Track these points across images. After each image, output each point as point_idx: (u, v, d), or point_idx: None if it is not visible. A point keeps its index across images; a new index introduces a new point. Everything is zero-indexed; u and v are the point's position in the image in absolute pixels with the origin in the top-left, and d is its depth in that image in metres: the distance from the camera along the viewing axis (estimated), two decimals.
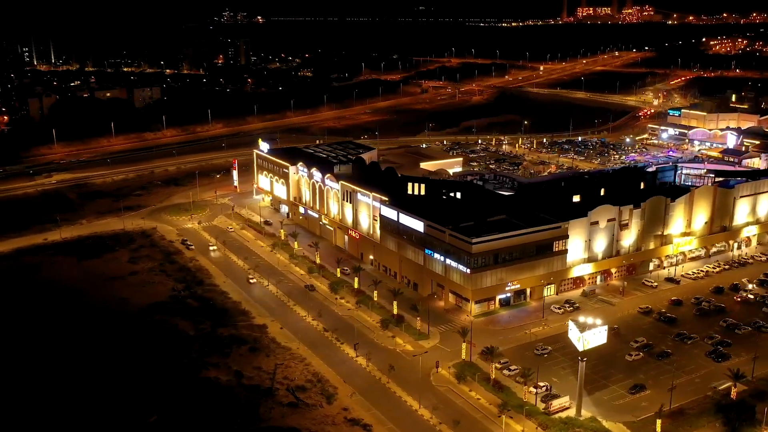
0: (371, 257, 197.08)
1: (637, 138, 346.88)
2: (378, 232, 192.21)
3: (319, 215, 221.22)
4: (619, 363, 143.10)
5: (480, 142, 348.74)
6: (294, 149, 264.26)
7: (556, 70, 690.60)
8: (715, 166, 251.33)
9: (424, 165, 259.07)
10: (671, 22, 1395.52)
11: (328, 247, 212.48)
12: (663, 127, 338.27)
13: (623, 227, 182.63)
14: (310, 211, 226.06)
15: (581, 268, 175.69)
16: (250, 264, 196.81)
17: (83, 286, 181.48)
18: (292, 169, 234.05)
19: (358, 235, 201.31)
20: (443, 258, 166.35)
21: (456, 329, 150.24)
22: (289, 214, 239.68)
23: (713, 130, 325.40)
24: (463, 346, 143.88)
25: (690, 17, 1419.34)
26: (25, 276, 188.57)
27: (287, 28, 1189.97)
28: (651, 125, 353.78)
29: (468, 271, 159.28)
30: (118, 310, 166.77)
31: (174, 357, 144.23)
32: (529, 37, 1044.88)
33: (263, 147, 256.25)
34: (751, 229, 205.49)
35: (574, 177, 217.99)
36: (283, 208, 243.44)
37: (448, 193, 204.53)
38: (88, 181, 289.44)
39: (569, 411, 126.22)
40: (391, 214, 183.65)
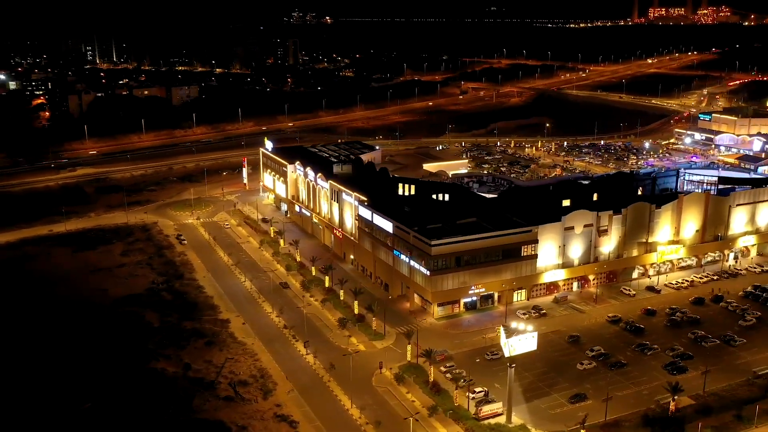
0: (351, 257, 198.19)
1: (663, 143, 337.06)
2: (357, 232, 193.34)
3: (311, 214, 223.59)
4: (570, 371, 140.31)
5: (499, 144, 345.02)
6: (299, 148, 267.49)
7: (606, 72, 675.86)
8: (730, 173, 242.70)
9: (426, 166, 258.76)
10: (748, 23, 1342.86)
11: (316, 245, 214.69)
12: (689, 132, 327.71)
13: (602, 233, 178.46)
14: (304, 209, 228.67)
15: (553, 274, 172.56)
16: (234, 260, 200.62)
17: (69, 276, 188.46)
18: (290, 167, 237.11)
19: (341, 235, 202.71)
20: (408, 259, 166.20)
21: (417, 331, 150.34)
22: (288, 212, 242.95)
23: (741, 135, 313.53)
24: (408, 348, 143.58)
25: None
26: (18, 265, 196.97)
27: (352, 29, 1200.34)
28: (678, 129, 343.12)
29: (428, 273, 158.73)
30: (93, 300, 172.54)
31: (130, 347, 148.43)
32: (594, 38, 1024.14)
33: (268, 146, 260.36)
34: (749, 239, 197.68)
35: (565, 181, 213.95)
36: (284, 206, 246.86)
37: (436, 194, 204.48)
38: (109, 175, 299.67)
39: (502, 417, 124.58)
40: (366, 214, 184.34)
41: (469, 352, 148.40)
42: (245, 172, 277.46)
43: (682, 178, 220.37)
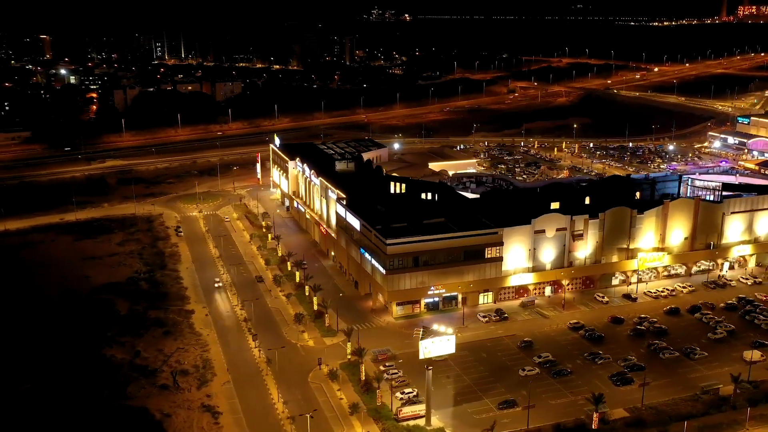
0: (332, 253, 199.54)
1: (696, 146, 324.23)
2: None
3: (305, 209, 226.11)
4: (511, 377, 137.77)
5: (523, 144, 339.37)
6: (308, 145, 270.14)
7: (669, 72, 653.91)
8: (749, 179, 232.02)
9: (432, 165, 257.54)
10: None
11: (306, 241, 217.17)
12: (723, 135, 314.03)
13: (576, 238, 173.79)
14: (300, 205, 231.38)
15: (520, 278, 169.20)
16: (221, 252, 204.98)
17: (60, 263, 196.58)
18: (290, 164, 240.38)
19: (325, 231, 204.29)
20: (370, 257, 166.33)
21: (373, 328, 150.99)
22: (289, 207, 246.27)
23: None
24: (348, 346, 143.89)
25: None
26: (17, 251, 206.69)
27: (428, 26, 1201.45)
28: (712, 133, 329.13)
29: (384, 271, 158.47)
30: (73, 287, 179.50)
31: (89, 333, 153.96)
32: (674, 36, 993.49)
33: (277, 142, 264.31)
34: (744, 249, 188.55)
35: (555, 184, 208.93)
36: (287, 202, 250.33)
37: (425, 194, 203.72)
38: (134, 167, 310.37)
39: (423, 419, 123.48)
40: (341, 211, 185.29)
41: (416, 352, 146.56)
42: (258, 167, 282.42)
43: (684, 183, 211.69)
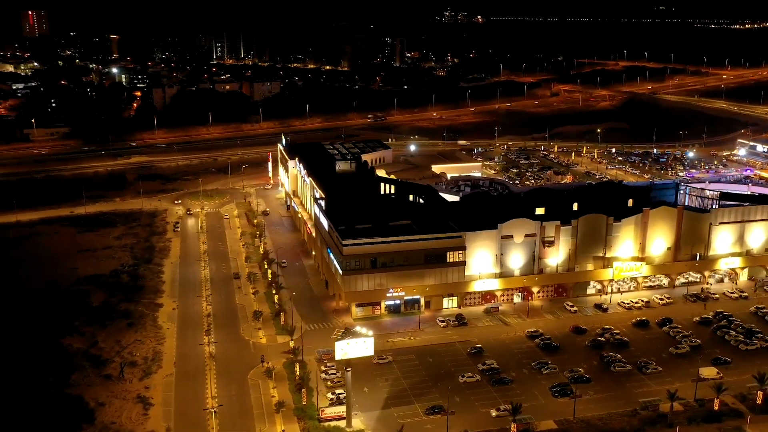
0: (314, 252, 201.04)
1: (724, 153, 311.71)
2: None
3: (299, 208, 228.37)
4: (450, 383, 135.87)
5: (543, 148, 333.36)
6: (315, 145, 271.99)
7: (729, 76, 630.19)
8: (763, 189, 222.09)
9: (435, 167, 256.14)
10: None
11: (296, 240, 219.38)
12: (751, 143, 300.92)
13: (547, 244, 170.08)
14: (296, 204, 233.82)
15: (485, 283, 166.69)
16: (209, 249, 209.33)
17: (54, 255, 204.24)
18: (290, 163, 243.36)
19: (309, 230, 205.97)
20: (333, 258, 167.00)
21: (329, 329, 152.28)
22: (289, 206, 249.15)
23: None
24: (291, 344, 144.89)
25: None
26: (19, 242, 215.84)
27: (499, 28, 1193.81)
28: (741, 140, 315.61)
29: (341, 272, 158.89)
30: (58, 278, 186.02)
31: (55, 323, 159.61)
32: (753, 40, 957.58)
33: (283, 141, 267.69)
34: (733, 262, 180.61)
35: (540, 189, 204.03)
36: (289, 201, 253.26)
37: (413, 195, 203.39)
38: (155, 164, 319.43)
39: (345, 421, 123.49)
40: (317, 211, 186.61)
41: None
42: (270, 166, 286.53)
43: (682, 191, 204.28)
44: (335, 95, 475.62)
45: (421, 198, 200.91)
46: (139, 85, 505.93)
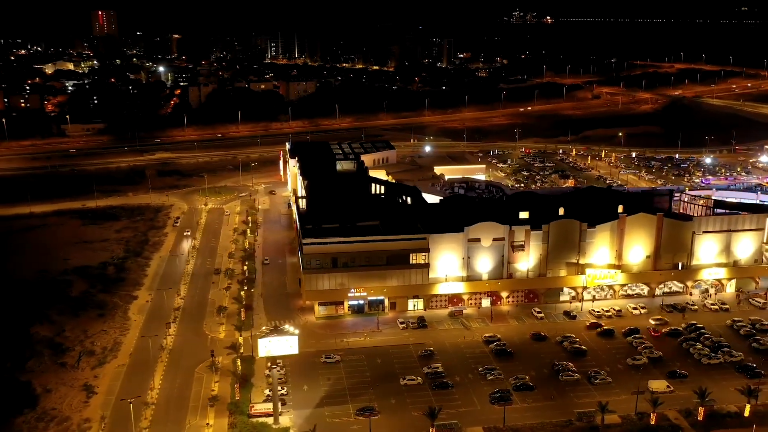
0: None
1: (750, 160, 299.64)
2: None
3: (295, 206, 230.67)
4: (391, 385, 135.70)
5: (561, 152, 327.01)
6: (322, 145, 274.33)
7: None
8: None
9: (437, 169, 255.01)
10: None
11: (288, 238, 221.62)
12: None
13: (516, 248, 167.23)
14: (292, 202, 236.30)
15: (449, 286, 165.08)
16: (200, 244, 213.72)
17: (53, 245, 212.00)
18: (291, 162, 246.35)
19: (295, 228, 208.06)
20: (300, 256, 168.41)
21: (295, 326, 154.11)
22: (290, 204, 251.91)
23: None
24: (240, 341, 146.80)
25: None
26: (24, 232, 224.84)
27: (567, 29, 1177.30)
28: None
29: (302, 270, 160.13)
30: (47, 267, 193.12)
31: (29, 312, 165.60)
32: None
33: (290, 140, 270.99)
34: (717, 272, 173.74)
35: (524, 193, 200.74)
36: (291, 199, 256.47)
37: (400, 196, 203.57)
38: (176, 160, 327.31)
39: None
40: (295, 209, 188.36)
41: (314, 353, 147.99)
42: (281, 164, 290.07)
43: (677, 198, 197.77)
44: (368, 95, 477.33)
45: (408, 199, 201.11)
46: (181, 83, 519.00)
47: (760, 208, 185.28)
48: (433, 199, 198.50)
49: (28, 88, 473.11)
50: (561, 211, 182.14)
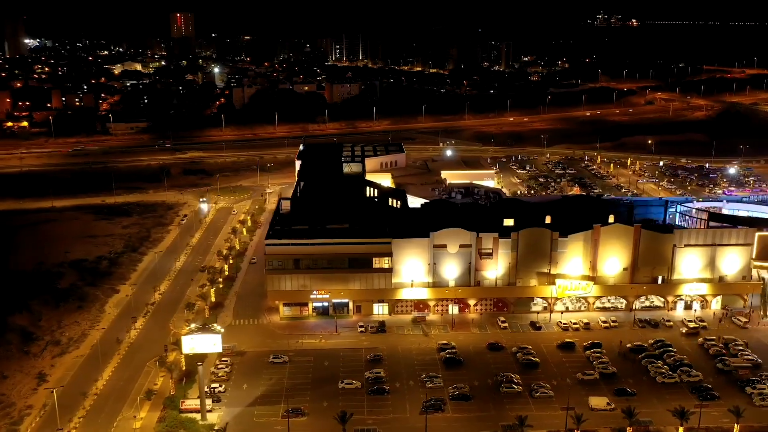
0: None
1: None
2: None
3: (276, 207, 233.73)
4: (329, 388, 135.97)
5: (586, 158, 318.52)
6: (334, 146, 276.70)
7: None
8: None
9: (444, 173, 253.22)
10: None
11: None
12: None
13: (484, 256, 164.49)
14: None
15: (412, 292, 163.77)
16: (197, 242, 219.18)
17: (59, 238, 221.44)
18: (297, 163, 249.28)
19: None
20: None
21: (251, 326, 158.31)
22: None
23: None
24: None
25: None
26: (36, 225, 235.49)
27: (651, 33, 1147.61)
28: None
29: (265, 271, 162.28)
30: (46, 259, 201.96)
31: (13, 300, 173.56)
32: None
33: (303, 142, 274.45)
34: (699, 288, 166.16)
35: (509, 200, 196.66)
36: None
37: (390, 200, 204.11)
38: (205, 159, 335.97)
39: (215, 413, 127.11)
40: (275, 210, 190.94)
41: (267, 352, 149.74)
42: (297, 164, 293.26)
43: (673, 209, 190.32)
44: (410, 98, 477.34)
45: (397, 202, 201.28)
46: (232, 84, 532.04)
47: (758, 221, 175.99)
48: (421, 203, 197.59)
49: (85, 87, 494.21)
50: (548, 220, 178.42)
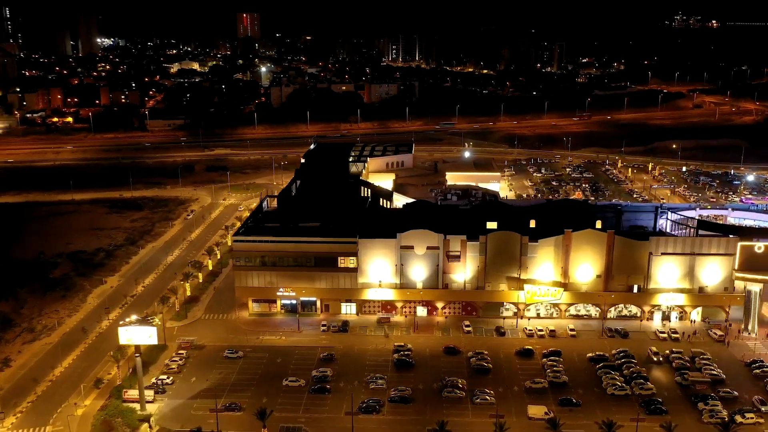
0: None
1: None
2: None
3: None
4: (273, 385, 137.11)
5: (607, 163, 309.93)
6: (344, 146, 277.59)
7: None
8: None
9: (449, 175, 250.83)
10: None
11: None
12: None
13: (452, 259, 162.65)
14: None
15: (377, 292, 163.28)
16: (195, 237, 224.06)
17: (66, 230, 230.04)
18: (302, 161, 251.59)
19: None
20: None
21: (219, 320, 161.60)
22: None
23: None
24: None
25: None
26: (48, 217, 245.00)
27: (731, 34, 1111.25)
28: None
29: (232, 267, 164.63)
30: (47, 249, 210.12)
31: (5, 287, 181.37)
32: None
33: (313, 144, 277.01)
34: (676, 298, 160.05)
35: (492, 203, 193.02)
36: None
37: (381, 200, 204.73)
38: (229, 157, 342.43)
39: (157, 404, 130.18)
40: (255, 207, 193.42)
41: (225, 347, 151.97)
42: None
43: (664, 216, 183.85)
44: (447, 98, 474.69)
45: (386, 202, 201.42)
46: (274, 83, 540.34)
47: (744, 230, 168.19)
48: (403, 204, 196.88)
49: (133, 85, 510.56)
50: (532, 224, 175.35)
